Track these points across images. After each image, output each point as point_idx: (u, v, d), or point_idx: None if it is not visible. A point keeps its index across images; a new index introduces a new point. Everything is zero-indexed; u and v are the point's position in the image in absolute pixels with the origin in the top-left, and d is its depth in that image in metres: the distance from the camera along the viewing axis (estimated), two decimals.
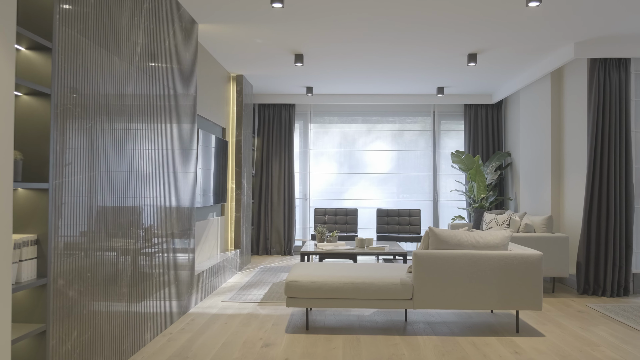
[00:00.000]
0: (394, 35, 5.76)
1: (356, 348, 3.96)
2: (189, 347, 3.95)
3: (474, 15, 5.05)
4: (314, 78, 8.01)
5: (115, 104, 3.47)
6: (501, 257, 4.30)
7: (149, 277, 4.08)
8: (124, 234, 3.62)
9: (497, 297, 4.28)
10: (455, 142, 9.58)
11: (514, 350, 3.92)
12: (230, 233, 7.71)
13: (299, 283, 4.34)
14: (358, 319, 4.85)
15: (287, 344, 4.06)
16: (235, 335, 4.27)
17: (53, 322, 2.74)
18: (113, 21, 3.43)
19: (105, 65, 3.32)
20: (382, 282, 4.33)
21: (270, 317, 4.89)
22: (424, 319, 4.86)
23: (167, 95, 4.46)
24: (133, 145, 3.76)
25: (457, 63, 6.98)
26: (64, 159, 2.83)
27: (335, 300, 4.35)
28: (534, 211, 7.54)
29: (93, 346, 3.20)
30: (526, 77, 7.42)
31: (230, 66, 7.30)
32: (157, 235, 4.25)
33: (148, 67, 4.03)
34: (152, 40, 4.13)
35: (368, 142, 9.66)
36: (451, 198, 9.55)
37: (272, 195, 9.47)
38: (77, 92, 2.97)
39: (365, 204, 9.65)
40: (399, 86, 8.58)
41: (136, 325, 3.84)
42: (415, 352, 3.88)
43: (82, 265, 3.05)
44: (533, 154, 7.66)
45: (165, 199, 4.43)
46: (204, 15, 5.13)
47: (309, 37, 5.84)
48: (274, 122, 9.53)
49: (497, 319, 4.85)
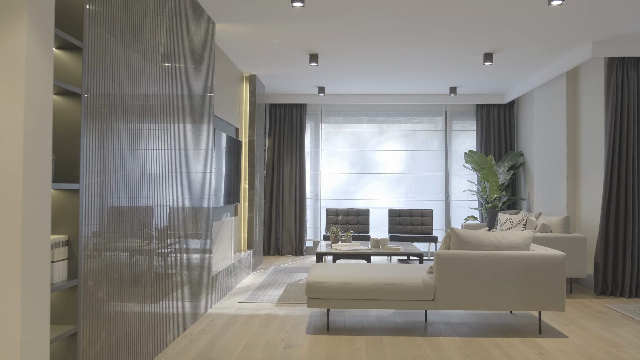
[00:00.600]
0: (409, 35, 5.73)
1: (379, 349, 3.94)
2: (211, 349, 3.93)
3: (492, 14, 5.02)
4: (327, 78, 7.99)
5: (140, 104, 3.46)
6: (524, 258, 4.27)
7: (169, 277, 4.06)
8: (147, 235, 3.61)
9: (520, 298, 4.25)
10: (467, 142, 9.54)
11: (539, 352, 3.89)
12: (243, 233, 7.70)
13: (320, 284, 4.32)
14: (377, 319, 4.82)
15: (310, 345, 4.04)
16: (256, 337, 4.25)
17: (83, 323, 2.72)
18: (138, 21, 3.42)
19: (131, 65, 3.31)
20: (403, 282, 4.31)
21: (288, 317, 4.87)
22: (444, 319, 4.83)
23: (187, 95, 4.44)
24: (156, 145, 3.74)
25: (472, 62, 6.95)
26: (93, 159, 2.82)
27: (356, 301, 4.32)
28: (549, 211, 7.51)
29: (120, 347, 3.19)
30: (541, 77, 7.38)
31: (243, 66, 7.28)
32: (177, 236, 4.23)
33: (170, 67, 4.02)
34: (174, 40, 4.11)
35: (379, 142, 9.64)
36: (463, 198, 9.52)
37: (283, 196, 9.45)
38: (105, 92, 2.95)
39: (377, 204, 9.62)
40: (411, 86, 8.55)
41: (159, 326, 3.83)
42: (439, 353, 3.85)
43: (109, 266, 3.04)
44: (547, 154, 7.62)
45: (186, 199, 4.41)
46: (221, 15, 5.12)
47: (324, 37, 5.82)
48: (285, 122, 9.52)
49: (518, 320, 4.82)
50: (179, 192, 4.24)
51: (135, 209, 3.41)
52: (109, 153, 3.01)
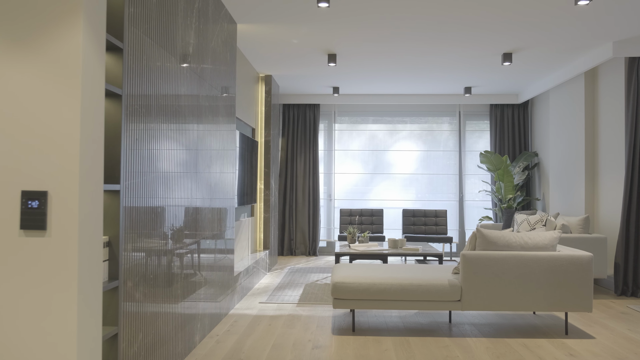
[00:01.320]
0: (430, 35, 5.72)
1: (407, 350, 3.93)
2: (239, 349, 3.93)
3: (514, 14, 5.01)
4: (342, 78, 7.98)
5: (172, 104, 3.46)
6: (551, 258, 4.26)
7: (196, 278, 4.06)
8: (177, 235, 3.61)
9: (547, 298, 4.23)
10: (481, 142, 9.52)
11: (568, 353, 3.87)
12: (259, 234, 7.70)
13: (346, 284, 4.31)
14: (401, 320, 4.81)
15: (337, 345, 4.04)
16: (282, 337, 4.25)
17: (123, 324, 2.72)
18: (170, 21, 3.42)
19: (165, 65, 3.31)
20: (430, 283, 4.30)
21: (311, 318, 4.86)
22: (468, 320, 4.82)
23: (213, 96, 4.44)
24: (186, 145, 3.74)
25: (489, 63, 6.93)
26: (130, 160, 2.82)
27: (382, 301, 4.31)
28: (566, 212, 7.48)
29: (154, 348, 3.19)
30: (558, 77, 7.36)
31: (259, 66, 7.28)
32: (203, 237, 4.23)
33: (198, 67, 4.02)
34: (201, 41, 4.11)
35: (393, 142, 9.62)
36: (476, 198, 9.50)
37: (296, 196, 9.45)
38: (142, 92, 2.95)
39: (390, 204, 9.61)
40: (425, 86, 8.54)
41: (187, 327, 3.83)
42: (468, 354, 3.84)
43: (144, 266, 3.04)
44: (564, 154, 7.60)
45: (211, 200, 4.41)
46: (243, 15, 5.12)
47: (345, 36, 5.82)
48: (299, 122, 9.51)
49: (542, 321, 4.80)
50: (205, 192, 4.24)
51: (166, 210, 3.41)
52: (145, 154, 3.01)
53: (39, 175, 1.89)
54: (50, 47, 1.89)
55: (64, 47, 1.88)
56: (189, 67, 3.79)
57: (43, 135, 1.89)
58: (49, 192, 1.88)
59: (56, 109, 1.88)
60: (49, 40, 1.89)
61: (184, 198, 3.72)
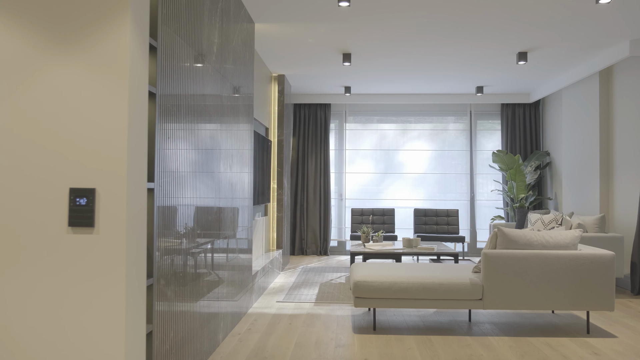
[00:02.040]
0: (446, 34, 5.72)
1: (431, 349, 3.94)
2: (263, 348, 3.94)
3: (530, 13, 5.01)
4: (355, 77, 7.99)
5: (199, 104, 3.47)
6: (572, 257, 4.26)
7: (217, 276, 4.07)
8: (201, 234, 3.62)
9: (568, 297, 4.23)
10: (492, 141, 9.52)
11: (592, 352, 3.87)
12: (272, 233, 7.71)
13: (367, 283, 4.32)
14: (421, 319, 4.82)
15: (359, 344, 4.04)
16: (304, 336, 4.26)
17: (157, 322, 2.73)
18: (198, 20, 3.43)
19: (193, 64, 3.32)
20: (451, 282, 4.30)
21: (330, 317, 4.87)
22: (487, 319, 4.82)
23: (233, 95, 4.45)
24: (211, 145, 3.75)
25: (503, 62, 6.93)
26: (162, 159, 2.83)
27: (404, 300, 4.32)
28: (580, 211, 7.48)
29: (183, 346, 3.20)
30: (571, 76, 7.35)
31: (273, 66, 7.30)
32: (225, 236, 4.25)
33: (221, 66, 4.03)
34: (224, 40, 4.13)
35: (404, 141, 9.63)
36: (487, 198, 9.50)
37: (307, 195, 9.46)
38: (173, 92, 2.97)
39: (401, 203, 9.61)
40: (437, 85, 8.54)
41: (212, 325, 3.84)
42: (492, 353, 3.85)
43: (175, 265, 3.05)
44: (578, 154, 7.60)
45: (233, 199, 4.43)
46: (261, 15, 5.13)
47: (360, 36, 5.82)
48: (310, 121, 9.52)
49: (561, 320, 4.80)
50: (227, 192, 4.26)
51: (193, 209, 3.42)
52: (174, 153, 3.02)
53: (86, 173, 1.90)
54: (97, 45, 1.90)
55: (112, 45, 1.89)
56: (213, 66, 3.80)
57: (91, 133, 1.90)
58: (96, 190, 1.89)
59: (104, 106, 1.89)
60: (96, 38, 1.90)
61: (208, 197, 3.73)
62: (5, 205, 1.92)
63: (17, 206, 1.91)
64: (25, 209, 1.91)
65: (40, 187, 1.91)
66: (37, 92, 1.91)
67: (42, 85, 1.91)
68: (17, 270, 1.91)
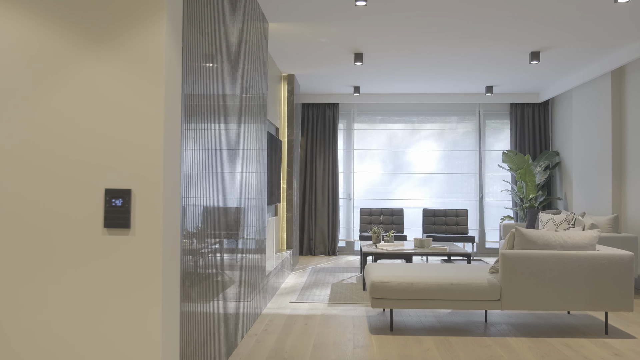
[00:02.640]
0: (457, 34, 5.70)
1: (450, 350, 3.92)
2: (281, 349, 3.92)
3: (543, 12, 4.98)
4: (364, 77, 7.97)
5: (219, 104, 3.45)
6: (591, 258, 4.23)
7: (234, 277, 4.06)
8: (220, 235, 3.60)
9: (587, 298, 4.21)
10: (501, 141, 9.49)
11: (613, 353, 3.85)
12: (282, 233, 7.69)
13: (384, 284, 4.30)
14: (437, 319, 4.80)
15: (378, 345, 4.02)
16: (321, 337, 4.24)
17: (182, 323, 2.72)
18: (218, 20, 3.41)
19: (214, 64, 3.30)
20: (469, 282, 4.28)
21: (345, 317, 4.85)
22: (504, 319, 4.80)
23: (250, 95, 4.44)
24: (230, 145, 3.74)
25: (515, 61, 6.91)
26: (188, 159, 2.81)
27: (421, 301, 4.30)
28: (591, 211, 7.45)
29: (205, 348, 3.18)
30: (582, 76, 7.32)
31: (283, 66, 7.28)
32: (242, 236, 4.23)
33: (239, 66, 4.01)
34: (241, 40, 4.11)
35: (412, 141, 9.60)
36: (496, 198, 9.47)
37: (316, 196, 9.44)
38: (197, 91, 2.95)
39: (409, 204, 9.59)
40: (447, 85, 8.52)
41: (230, 326, 3.82)
42: (512, 353, 3.83)
43: (197, 266, 3.03)
44: (589, 154, 7.57)
45: (249, 199, 4.41)
46: (274, 14, 5.11)
47: (373, 35, 5.80)
48: (318, 121, 9.50)
49: (578, 320, 4.78)
50: (245, 192, 4.24)
51: (213, 209, 3.41)
52: (197, 153, 3.01)
53: (122, 173, 1.88)
54: (133, 44, 1.89)
55: (148, 44, 1.87)
56: (232, 67, 3.78)
57: (126, 133, 1.89)
58: (132, 190, 1.87)
59: (140, 106, 1.88)
60: (132, 36, 1.89)
61: (226, 198, 3.72)
62: (40, 205, 1.90)
63: (51, 207, 1.89)
64: (60, 209, 1.89)
65: (76, 187, 1.90)
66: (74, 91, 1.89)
67: (79, 84, 1.89)
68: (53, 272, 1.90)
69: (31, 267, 1.88)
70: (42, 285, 1.91)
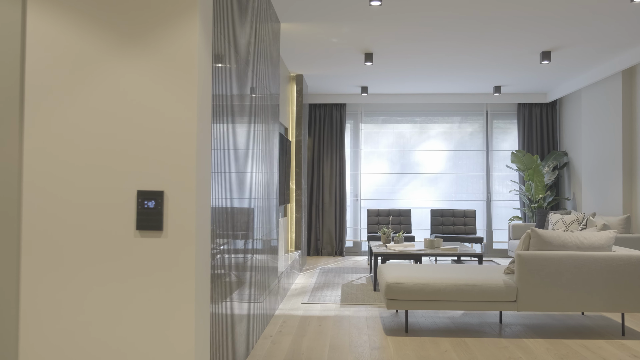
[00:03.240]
0: (471, 34, 5.68)
1: (467, 351, 3.90)
2: (297, 350, 3.90)
3: (556, 12, 4.96)
4: (372, 77, 7.95)
5: (237, 104, 3.43)
6: (608, 258, 4.21)
7: (248, 278, 4.04)
8: (238, 235, 3.58)
9: (604, 299, 4.19)
10: (508, 141, 9.47)
11: (632, 354, 3.83)
12: (291, 234, 7.67)
13: (400, 285, 4.28)
14: (451, 321, 4.78)
15: (395, 346, 4.00)
16: (336, 338, 4.22)
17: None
18: (237, 20, 3.39)
19: (234, 64, 3.28)
20: (485, 283, 4.26)
21: (359, 319, 4.83)
22: (518, 321, 4.78)
23: (264, 95, 4.42)
24: (246, 145, 3.72)
25: (526, 61, 6.88)
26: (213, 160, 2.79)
27: (437, 302, 4.28)
28: (601, 211, 7.43)
29: (223, 349, 3.16)
30: (592, 76, 7.30)
31: (292, 66, 7.26)
32: (257, 237, 4.21)
33: (255, 67, 3.99)
34: (257, 40, 4.09)
35: (419, 142, 9.58)
36: (503, 198, 9.45)
37: (323, 196, 9.42)
38: (219, 92, 2.93)
39: (417, 204, 9.57)
40: (454, 85, 8.50)
41: (246, 327, 3.80)
42: (530, 355, 3.81)
43: (215, 267, 3.01)
44: (599, 154, 7.55)
45: (264, 199, 4.39)
46: (285, 14, 5.09)
47: (384, 35, 5.78)
48: (325, 122, 9.48)
49: (593, 321, 4.76)
50: (260, 192, 4.22)
51: (233, 210, 3.39)
52: (219, 154, 2.99)
53: (154, 175, 1.86)
54: (165, 45, 1.87)
55: (181, 45, 1.85)
56: (249, 67, 3.77)
57: (159, 135, 1.87)
58: (165, 192, 1.85)
59: (172, 108, 1.85)
60: (164, 38, 1.87)
61: (241, 198, 3.70)
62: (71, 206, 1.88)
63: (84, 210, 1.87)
64: (91, 212, 1.87)
65: (107, 189, 1.88)
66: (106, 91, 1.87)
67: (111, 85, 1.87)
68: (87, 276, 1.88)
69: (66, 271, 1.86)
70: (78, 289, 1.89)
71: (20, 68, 1.84)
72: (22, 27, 1.84)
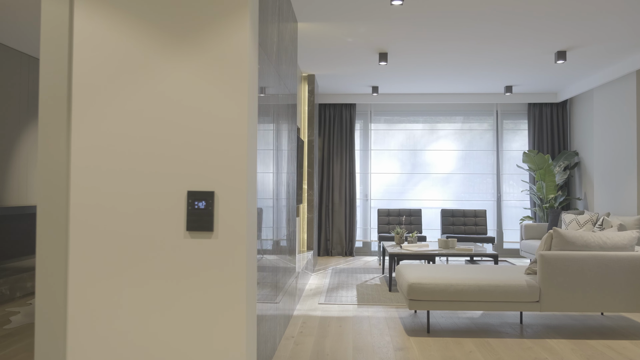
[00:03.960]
0: (487, 34, 5.66)
1: (492, 352, 3.88)
2: (321, 351, 3.88)
3: (572, 11, 4.95)
4: (383, 77, 7.93)
5: (264, 104, 3.41)
6: (631, 259, 4.20)
7: (270, 278, 4.02)
8: (264, 235, 3.56)
9: (627, 299, 4.17)
10: (519, 141, 9.45)
11: None
12: (303, 234, 7.65)
13: (422, 285, 4.26)
14: (471, 321, 4.76)
15: (418, 347, 3.99)
16: (359, 339, 4.20)
17: None
18: (263, 19, 3.37)
19: (262, 64, 3.26)
20: (507, 284, 4.24)
21: (378, 319, 4.81)
22: (539, 321, 4.76)
23: (285, 94, 4.40)
24: (272, 145, 3.70)
25: (539, 61, 6.87)
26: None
27: (459, 302, 4.26)
28: (615, 211, 7.41)
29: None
30: (605, 75, 7.28)
31: (304, 65, 7.24)
32: (279, 237, 4.19)
33: (279, 66, 3.98)
34: (280, 39, 4.07)
35: (429, 141, 9.57)
36: (514, 198, 9.43)
37: (333, 196, 9.40)
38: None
39: (426, 204, 9.55)
40: (465, 85, 8.48)
41: (270, 328, 3.78)
42: (556, 356, 3.79)
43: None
44: (611, 153, 7.53)
45: (286, 199, 4.37)
46: (302, 13, 5.07)
47: (401, 35, 5.76)
48: (335, 122, 9.47)
49: (613, 322, 4.74)
50: (283, 192, 4.20)
51: (259, 210, 3.37)
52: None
53: (205, 176, 1.84)
54: (215, 44, 1.85)
55: (231, 44, 1.83)
56: (274, 66, 3.75)
57: (209, 135, 1.85)
58: (215, 193, 1.83)
59: (223, 108, 1.84)
60: (214, 37, 1.85)
61: (270, 198, 3.68)
62: (122, 209, 1.86)
63: (133, 210, 1.85)
64: (141, 213, 1.85)
65: (157, 190, 1.86)
66: (154, 91, 1.85)
67: (160, 85, 1.85)
68: (137, 278, 1.86)
69: (111, 272, 1.84)
70: (130, 290, 1.87)
71: (68, 68, 1.82)
72: (70, 26, 1.83)
